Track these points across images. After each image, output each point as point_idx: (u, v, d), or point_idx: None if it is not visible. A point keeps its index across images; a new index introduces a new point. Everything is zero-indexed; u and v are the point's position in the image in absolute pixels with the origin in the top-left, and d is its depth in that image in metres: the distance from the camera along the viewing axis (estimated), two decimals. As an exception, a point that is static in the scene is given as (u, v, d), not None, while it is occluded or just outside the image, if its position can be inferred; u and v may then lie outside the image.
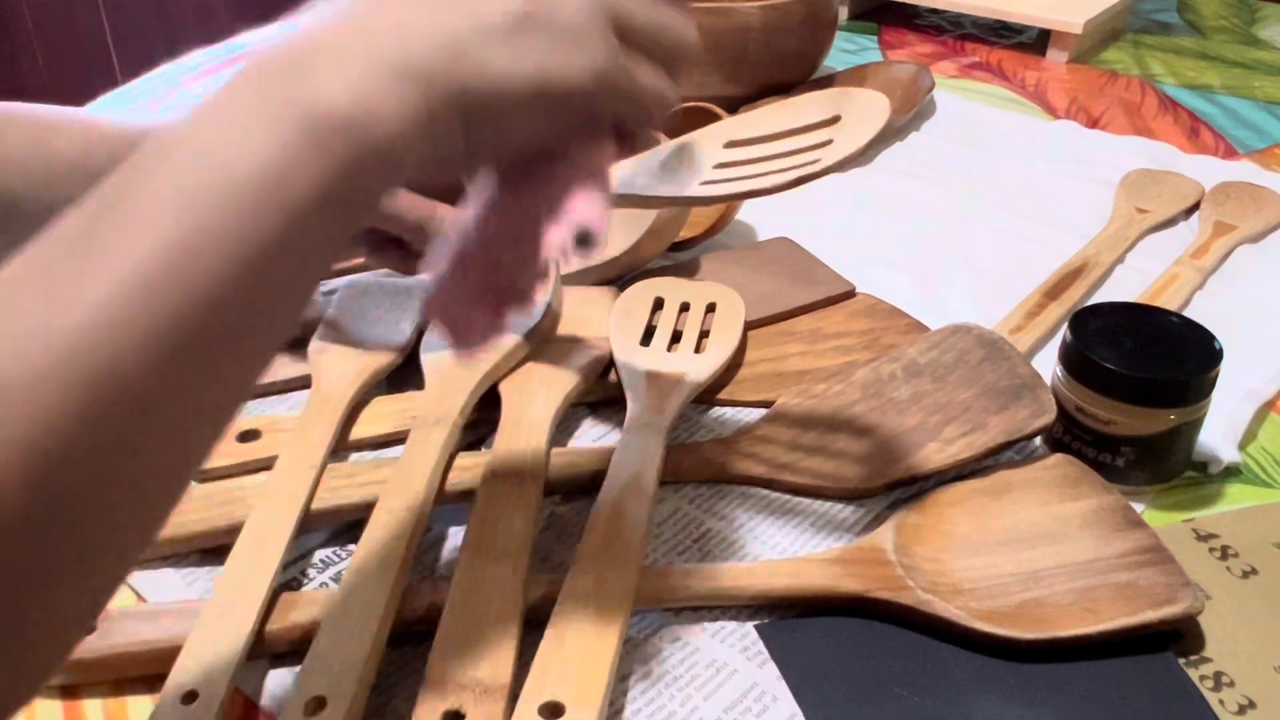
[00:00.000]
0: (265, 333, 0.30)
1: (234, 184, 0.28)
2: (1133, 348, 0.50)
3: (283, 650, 0.42)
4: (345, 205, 0.31)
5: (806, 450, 0.52)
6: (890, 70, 0.94)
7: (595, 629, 0.40)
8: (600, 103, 0.35)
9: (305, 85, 0.30)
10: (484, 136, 0.34)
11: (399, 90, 0.31)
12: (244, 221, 0.28)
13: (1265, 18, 1.18)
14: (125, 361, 0.26)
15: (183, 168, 0.28)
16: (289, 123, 0.29)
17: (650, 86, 0.37)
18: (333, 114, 0.29)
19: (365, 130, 0.30)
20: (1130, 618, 0.43)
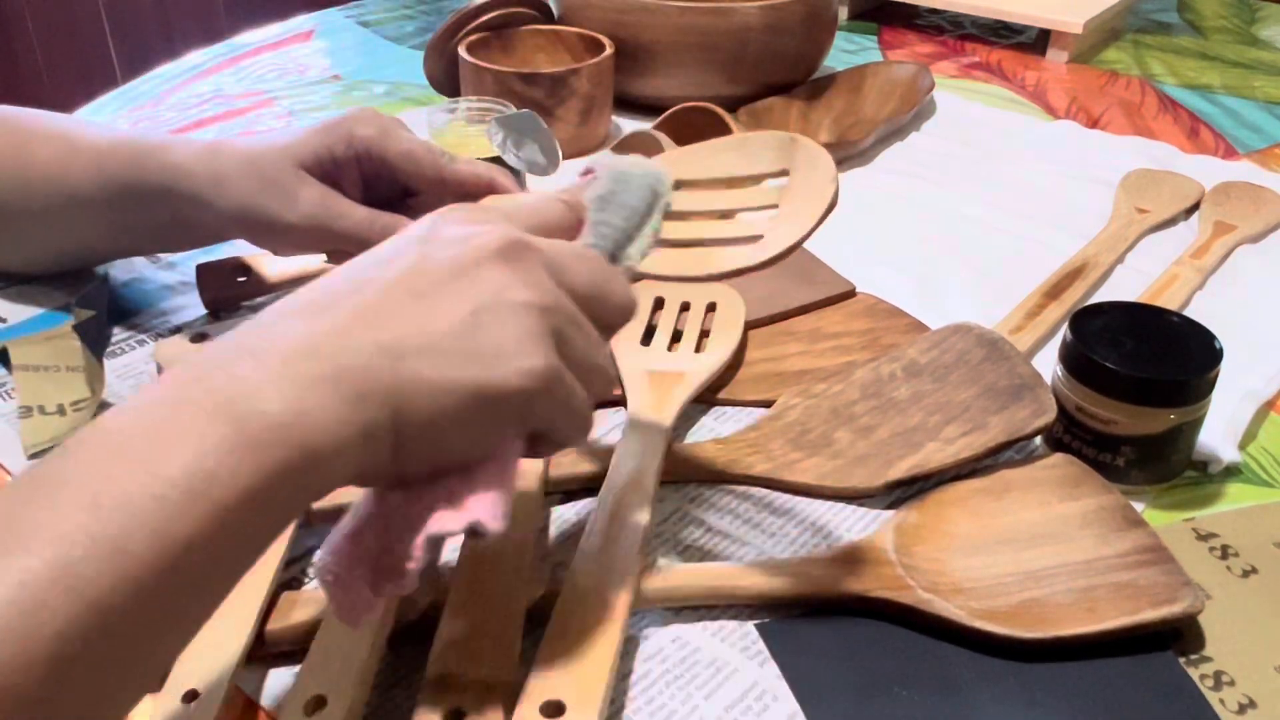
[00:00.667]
0: (181, 623, 0.30)
1: (160, 483, 0.28)
2: (1133, 347, 0.50)
3: (283, 649, 0.42)
4: (272, 508, 0.30)
5: (807, 450, 0.52)
6: (890, 70, 0.94)
7: (596, 628, 0.40)
8: (533, 408, 0.35)
9: (240, 389, 0.30)
10: (417, 446, 0.33)
11: (333, 399, 0.31)
12: (168, 521, 0.28)
13: (1265, 18, 1.18)
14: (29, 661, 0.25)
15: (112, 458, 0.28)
16: (219, 425, 0.29)
17: (581, 402, 0.37)
18: (265, 418, 0.30)
19: (298, 437, 0.30)
20: (1130, 617, 0.43)
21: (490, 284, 0.35)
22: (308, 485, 0.31)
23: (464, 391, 0.33)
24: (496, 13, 0.87)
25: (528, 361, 0.34)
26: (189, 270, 0.66)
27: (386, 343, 0.33)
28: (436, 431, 0.33)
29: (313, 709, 0.38)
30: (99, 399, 0.54)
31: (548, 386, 0.35)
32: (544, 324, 0.35)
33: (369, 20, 1.14)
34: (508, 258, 0.35)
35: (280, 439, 0.30)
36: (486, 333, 0.34)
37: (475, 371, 0.33)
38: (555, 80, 0.80)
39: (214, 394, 0.30)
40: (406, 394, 0.32)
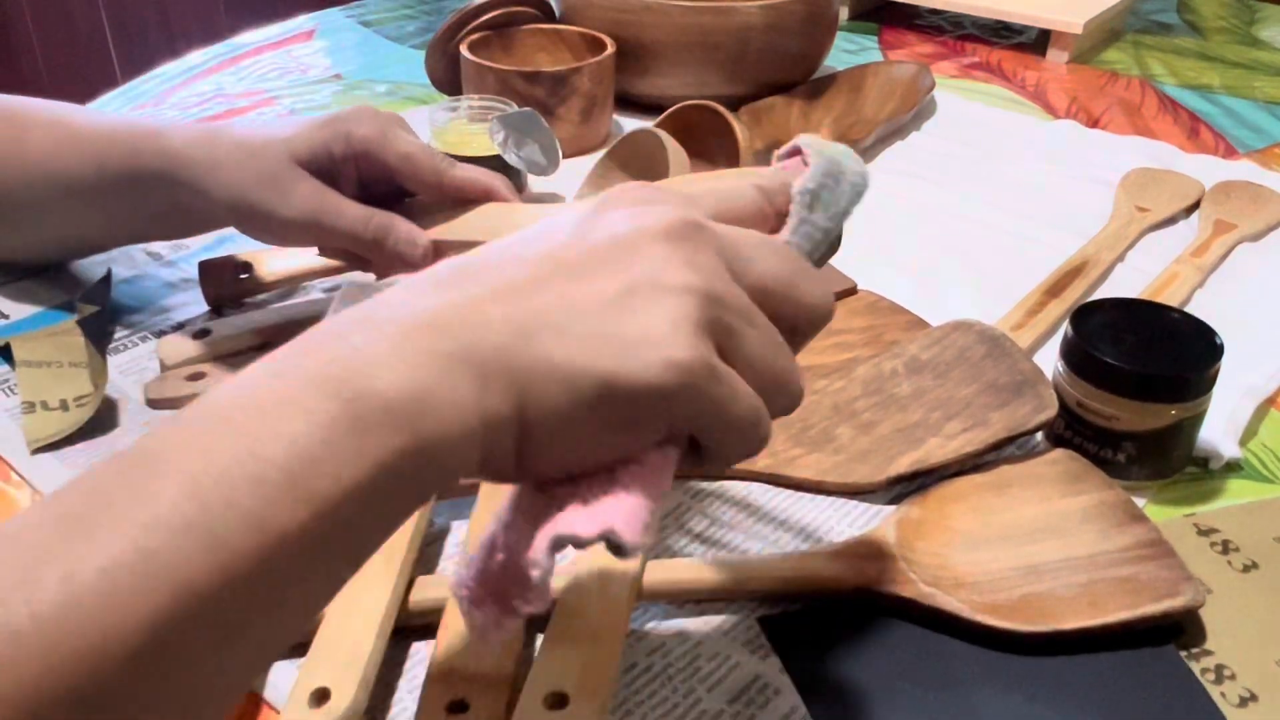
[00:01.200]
0: (280, 620, 0.27)
1: (260, 463, 0.26)
2: (1134, 343, 0.50)
3: (286, 643, 0.43)
4: (383, 500, 0.28)
5: (808, 446, 0.52)
6: (891, 70, 0.94)
7: (599, 621, 0.40)
8: (680, 409, 0.30)
9: (354, 361, 0.28)
10: (544, 439, 0.30)
11: (454, 378, 0.28)
12: (266, 507, 0.25)
13: (1265, 18, 1.18)
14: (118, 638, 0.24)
15: (213, 437, 0.26)
16: (327, 401, 0.27)
17: (744, 405, 0.32)
18: (379, 398, 0.27)
19: (413, 422, 0.27)
20: (1132, 611, 0.43)
21: (648, 263, 0.31)
22: (423, 475, 0.28)
23: (595, 380, 0.29)
24: (498, 12, 0.87)
25: (672, 352, 0.30)
26: (191, 267, 0.66)
27: (519, 320, 0.29)
28: (564, 423, 0.30)
29: (317, 701, 0.38)
30: (102, 394, 0.54)
31: (695, 384, 0.30)
32: (703, 313, 0.31)
33: (370, 20, 1.14)
34: (675, 237, 0.31)
35: (393, 423, 0.27)
36: (633, 317, 0.30)
37: (611, 359, 0.29)
38: (556, 79, 0.80)
39: (326, 365, 0.28)
40: (533, 377, 0.29)
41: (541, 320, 0.30)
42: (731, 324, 0.31)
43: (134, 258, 0.69)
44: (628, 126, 0.87)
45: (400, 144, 0.55)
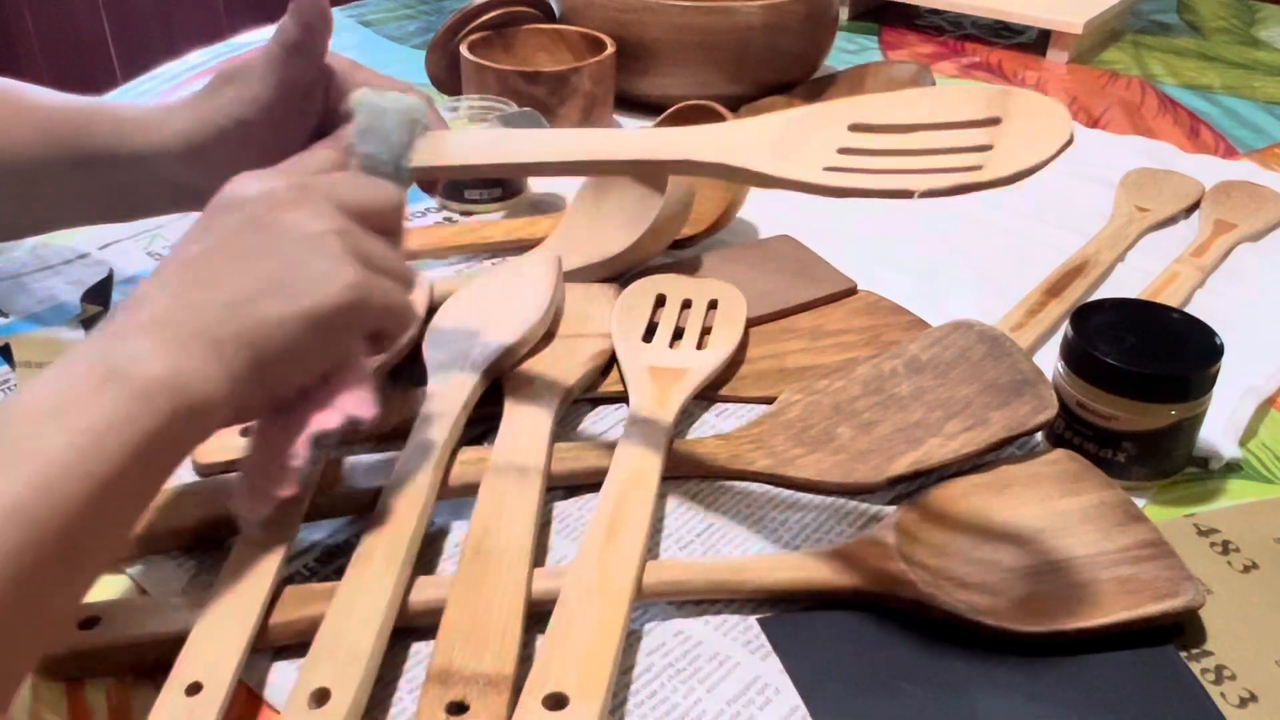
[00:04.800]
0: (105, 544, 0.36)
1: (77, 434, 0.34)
2: (1134, 343, 0.50)
3: (287, 643, 0.42)
4: (169, 446, 0.37)
5: (808, 446, 0.52)
6: (891, 70, 0.94)
7: (598, 622, 0.40)
8: (361, 314, 0.42)
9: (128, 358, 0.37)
10: (279, 373, 0.41)
11: (199, 353, 0.38)
12: (89, 463, 0.34)
13: (1265, 18, 1.18)
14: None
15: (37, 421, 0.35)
16: (117, 386, 0.36)
17: (398, 299, 0.44)
18: (151, 377, 0.37)
19: (178, 387, 0.37)
20: (1132, 611, 0.43)
21: (291, 226, 0.41)
22: (192, 426, 0.38)
23: (302, 317, 0.40)
24: (498, 11, 0.87)
25: (342, 279, 0.41)
26: (191, 267, 0.66)
27: (225, 299, 0.40)
28: (291, 356, 0.40)
29: (316, 702, 0.38)
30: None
31: (365, 293, 0.41)
32: (342, 244, 0.42)
33: (370, 20, 1.14)
34: (295, 201, 0.42)
35: (165, 392, 0.37)
36: (305, 267, 0.41)
37: (305, 300, 0.40)
38: (557, 79, 0.80)
39: (110, 364, 0.37)
40: (257, 335, 0.39)
41: (242, 294, 0.40)
42: (361, 244, 0.43)
43: (134, 258, 0.69)
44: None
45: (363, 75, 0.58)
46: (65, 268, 0.68)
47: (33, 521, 0.32)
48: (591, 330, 0.58)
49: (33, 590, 0.32)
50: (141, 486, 0.37)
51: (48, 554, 0.32)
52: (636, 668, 0.42)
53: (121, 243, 0.71)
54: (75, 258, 0.69)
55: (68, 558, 0.34)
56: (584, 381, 0.55)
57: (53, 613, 0.34)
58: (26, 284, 0.66)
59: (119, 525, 0.37)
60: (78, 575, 0.35)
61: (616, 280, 0.64)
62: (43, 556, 0.32)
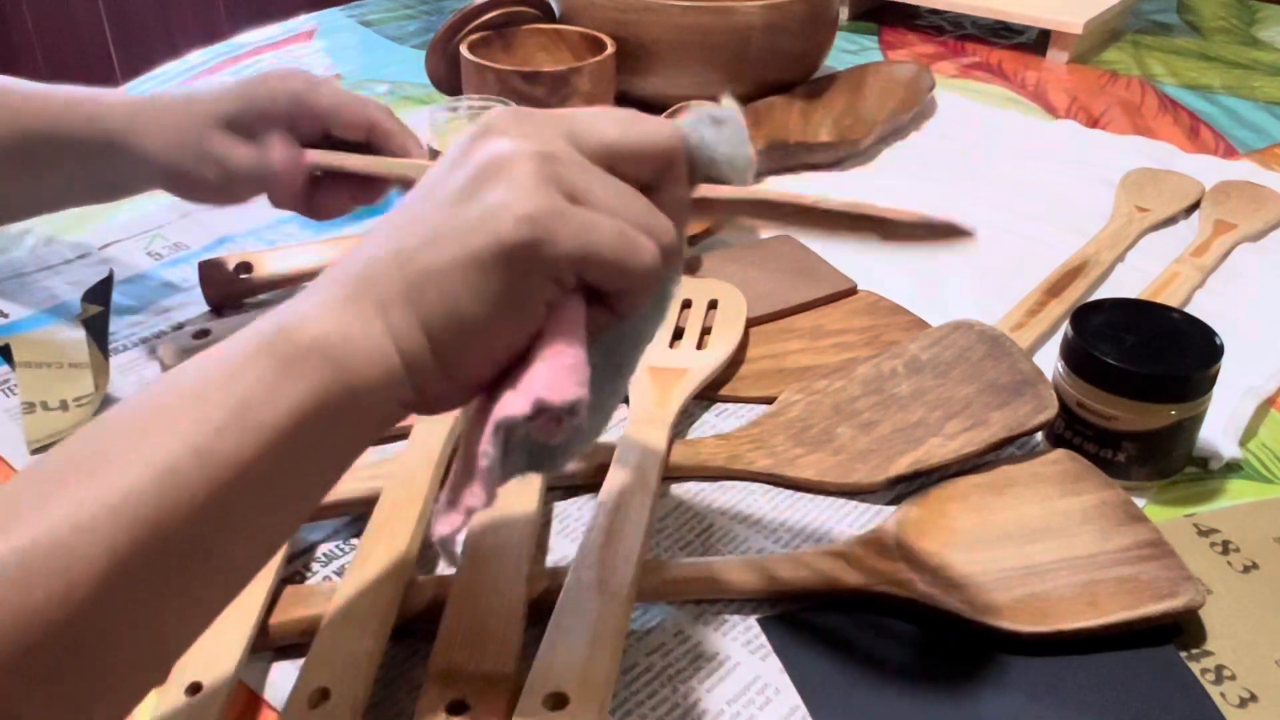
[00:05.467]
0: (238, 551, 0.31)
1: (207, 406, 0.29)
2: (1134, 343, 0.50)
3: (286, 643, 0.43)
4: (320, 431, 0.31)
5: (808, 446, 0.52)
6: (891, 70, 0.94)
7: (598, 621, 0.40)
8: (554, 257, 0.32)
9: (281, 324, 0.32)
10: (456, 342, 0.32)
11: (360, 314, 0.32)
12: (213, 442, 0.29)
13: (1265, 18, 1.18)
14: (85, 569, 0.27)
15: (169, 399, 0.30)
16: (261, 358, 0.30)
17: (606, 231, 0.32)
18: (299, 342, 0.31)
19: (331, 354, 0.31)
20: (1132, 611, 0.43)
21: (483, 154, 0.33)
22: (354, 406, 0.31)
23: (462, 265, 0.31)
24: (498, 11, 0.87)
25: (516, 209, 0.31)
26: (191, 267, 0.66)
27: (394, 251, 0.32)
28: (462, 321, 0.32)
29: (316, 701, 0.38)
30: (103, 394, 0.54)
31: (549, 226, 0.31)
32: (540, 170, 0.32)
33: (370, 20, 1.14)
34: (506, 128, 0.33)
35: (315, 359, 0.30)
36: (479, 199, 0.32)
37: (466, 241, 0.31)
38: (557, 79, 0.80)
39: (261, 332, 0.31)
40: (421, 288, 0.32)
41: (415, 241, 0.32)
42: (572, 177, 0.33)
43: (134, 258, 0.69)
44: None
45: (328, 93, 0.56)
46: (65, 268, 0.68)
47: (147, 520, 0.27)
48: (591, 330, 0.58)
49: (146, 603, 0.28)
50: (294, 478, 0.31)
51: (166, 558, 0.28)
52: (637, 668, 0.42)
53: (121, 243, 0.71)
54: (75, 258, 0.69)
55: (192, 563, 0.28)
56: (584, 381, 0.55)
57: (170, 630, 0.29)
58: (27, 284, 0.66)
59: (258, 528, 0.31)
60: (206, 586, 0.30)
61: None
62: (159, 561, 0.28)
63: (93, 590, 0.26)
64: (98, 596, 0.27)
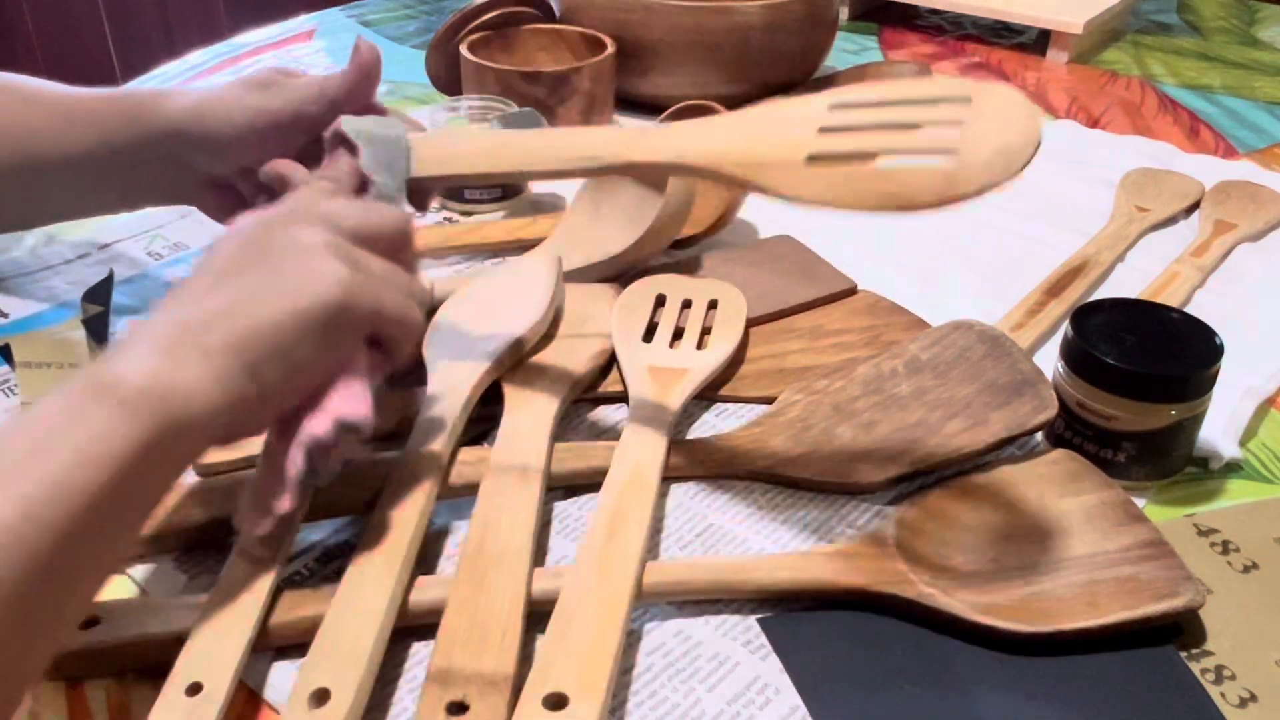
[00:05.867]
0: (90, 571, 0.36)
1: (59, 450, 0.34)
2: (1134, 343, 0.50)
3: (287, 644, 0.42)
4: (157, 465, 0.37)
5: (808, 446, 0.52)
6: (891, 70, 0.94)
7: (598, 621, 0.40)
8: (353, 313, 0.41)
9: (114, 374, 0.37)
10: (274, 376, 0.40)
11: (186, 360, 0.38)
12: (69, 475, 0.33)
13: (1265, 18, 1.18)
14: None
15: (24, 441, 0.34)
16: (102, 403, 0.35)
17: (393, 296, 0.43)
18: (134, 389, 0.36)
19: (163, 394, 0.36)
20: (1132, 611, 0.43)
21: (281, 240, 0.42)
22: (182, 442, 0.37)
23: (292, 317, 0.40)
24: (498, 11, 0.87)
25: (331, 275, 0.41)
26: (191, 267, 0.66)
27: (220, 309, 0.39)
28: (284, 360, 0.40)
29: (317, 702, 0.38)
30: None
31: (355, 290, 0.41)
32: (333, 252, 0.42)
33: (370, 20, 1.14)
34: (287, 222, 0.43)
35: (153, 402, 0.36)
36: (294, 271, 0.41)
37: (295, 299, 0.40)
38: (557, 79, 0.80)
39: (97, 381, 0.36)
40: (249, 340, 0.39)
41: (235, 304, 0.40)
42: (356, 256, 0.43)
43: (134, 258, 0.69)
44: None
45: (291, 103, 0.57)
46: (65, 268, 0.68)
47: (21, 543, 0.32)
48: (591, 330, 0.58)
49: (27, 610, 0.32)
50: (134, 502, 0.37)
51: (40, 575, 0.32)
52: (636, 668, 0.42)
53: (122, 243, 0.71)
54: (75, 258, 0.69)
55: (61, 577, 0.33)
56: (584, 381, 0.55)
57: (52, 628, 0.34)
58: (27, 284, 0.66)
59: (114, 541, 0.36)
60: (74, 592, 0.35)
61: (616, 280, 0.64)
62: (35, 577, 0.32)
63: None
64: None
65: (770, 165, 0.45)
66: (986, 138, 0.42)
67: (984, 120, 0.43)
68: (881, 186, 0.43)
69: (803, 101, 0.47)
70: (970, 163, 0.42)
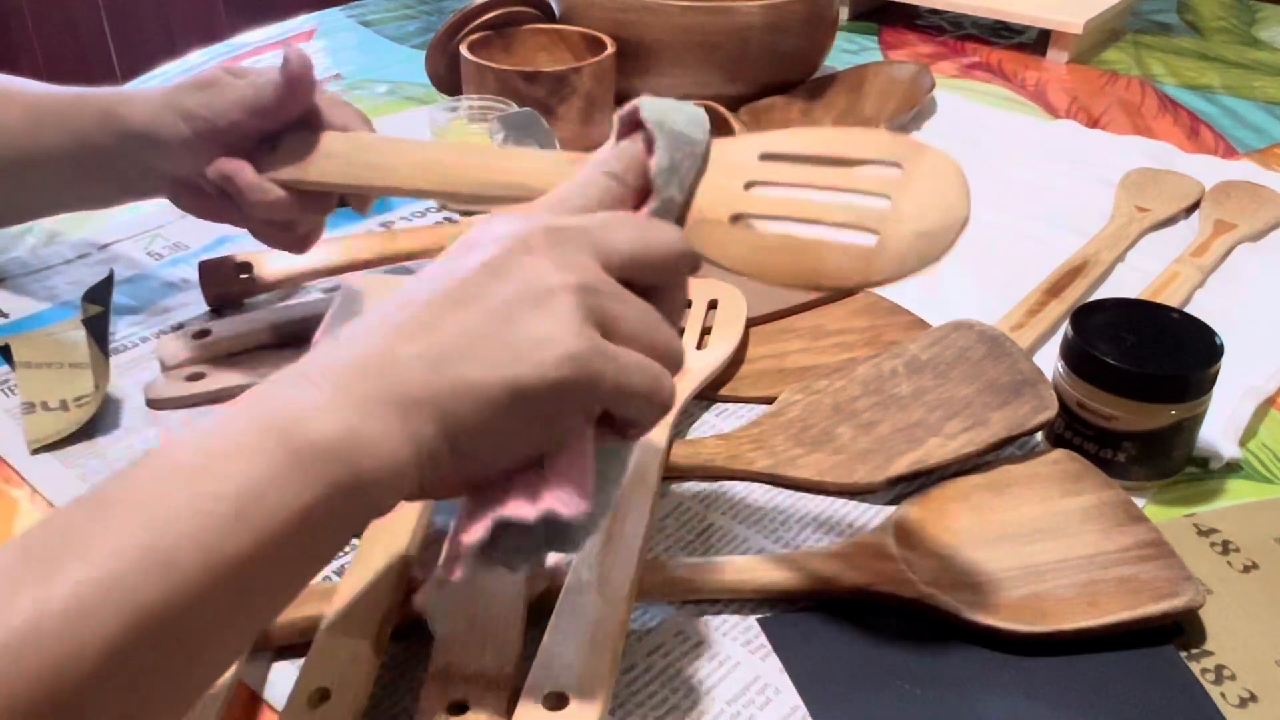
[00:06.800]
0: (228, 639, 0.31)
1: (210, 499, 0.29)
2: (1134, 343, 0.50)
3: (286, 643, 0.43)
4: (324, 528, 0.31)
5: (809, 446, 0.52)
6: (891, 70, 0.94)
7: (598, 621, 0.40)
8: (585, 394, 0.34)
9: (292, 411, 0.31)
10: (474, 449, 0.33)
11: (380, 415, 0.32)
12: (217, 538, 0.28)
13: (1265, 18, 1.18)
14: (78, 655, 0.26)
15: (168, 479, 0.29)
16: (271, 446, 0.30)
17: (639, 374, 0.35)
18: (315, 440, 0.30)
19: (347, 456, 0.31)
20: (1132, 611, 0.43)
21: (525, 275, 0.34)
22: (360, 503, 0.32)
23: (504, 388, 0.32)
24: (498, 11, 0.87)
25: (564, 346, 0.33)
26: (191, 267, 0.66)
27: (427, 354, 0.33)
28: (485, 432, 0.33)
29: (316, 701, 0.38)
30: (104, 394, 0.54)
31: (591, 370, 0.33)
32: (582, 305, 0.34)
33: (370, 19, 1.14)
34: (541, 246, 0.35)
35: (329, 459, 0.30)
36: (522, 325, 0.33)
37: (513, 367, 0.33)
38: (557, 79, 0.80)
39: (268, 416, 0.31)
40: (450, 400, 0.32)
41: (446, 349, 0.33)
42: (609, 308, 0.35)
43: (134, 258, 0.69)
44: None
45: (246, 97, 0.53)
46: (65, 268, 0.68)
47: (143, 607, 0.27)
48: (591, 330, 0.58)
49: (134, 690, 0.27)
50: (287, 572, 0.31)
51: (157, 646, 0.27)
52: (636, 668, 0.42)
53: (122, 243, 0.71)
54: (75, 257, 0.69)
55: (182, 652, 0.28)
56: (584, 381, 0.55)
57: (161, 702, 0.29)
58: (27, 284, 0.66)
59: (252, 616, 0.31)
60: (189, 675, 0.30)
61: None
62: (150, 648, 0.27)
63: (83, 676, 0.26)
64: (87, 682, 0.26)
65: (700, 220, 0.42)
66: (911, 217, 0.40)
67: (912, 194, 0.40)
68: (799, 261, 0.41)
69: (735, 145, 0.43)
70: (890, 247, 0.40)
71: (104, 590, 0.27)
